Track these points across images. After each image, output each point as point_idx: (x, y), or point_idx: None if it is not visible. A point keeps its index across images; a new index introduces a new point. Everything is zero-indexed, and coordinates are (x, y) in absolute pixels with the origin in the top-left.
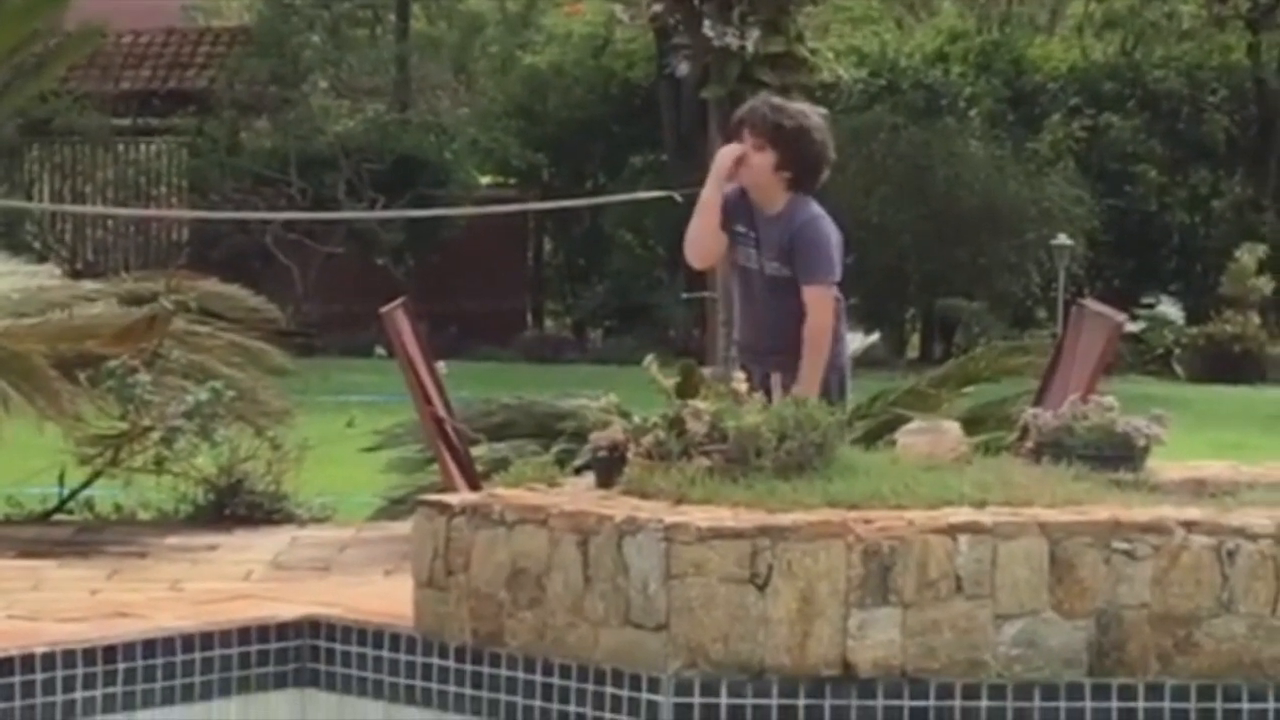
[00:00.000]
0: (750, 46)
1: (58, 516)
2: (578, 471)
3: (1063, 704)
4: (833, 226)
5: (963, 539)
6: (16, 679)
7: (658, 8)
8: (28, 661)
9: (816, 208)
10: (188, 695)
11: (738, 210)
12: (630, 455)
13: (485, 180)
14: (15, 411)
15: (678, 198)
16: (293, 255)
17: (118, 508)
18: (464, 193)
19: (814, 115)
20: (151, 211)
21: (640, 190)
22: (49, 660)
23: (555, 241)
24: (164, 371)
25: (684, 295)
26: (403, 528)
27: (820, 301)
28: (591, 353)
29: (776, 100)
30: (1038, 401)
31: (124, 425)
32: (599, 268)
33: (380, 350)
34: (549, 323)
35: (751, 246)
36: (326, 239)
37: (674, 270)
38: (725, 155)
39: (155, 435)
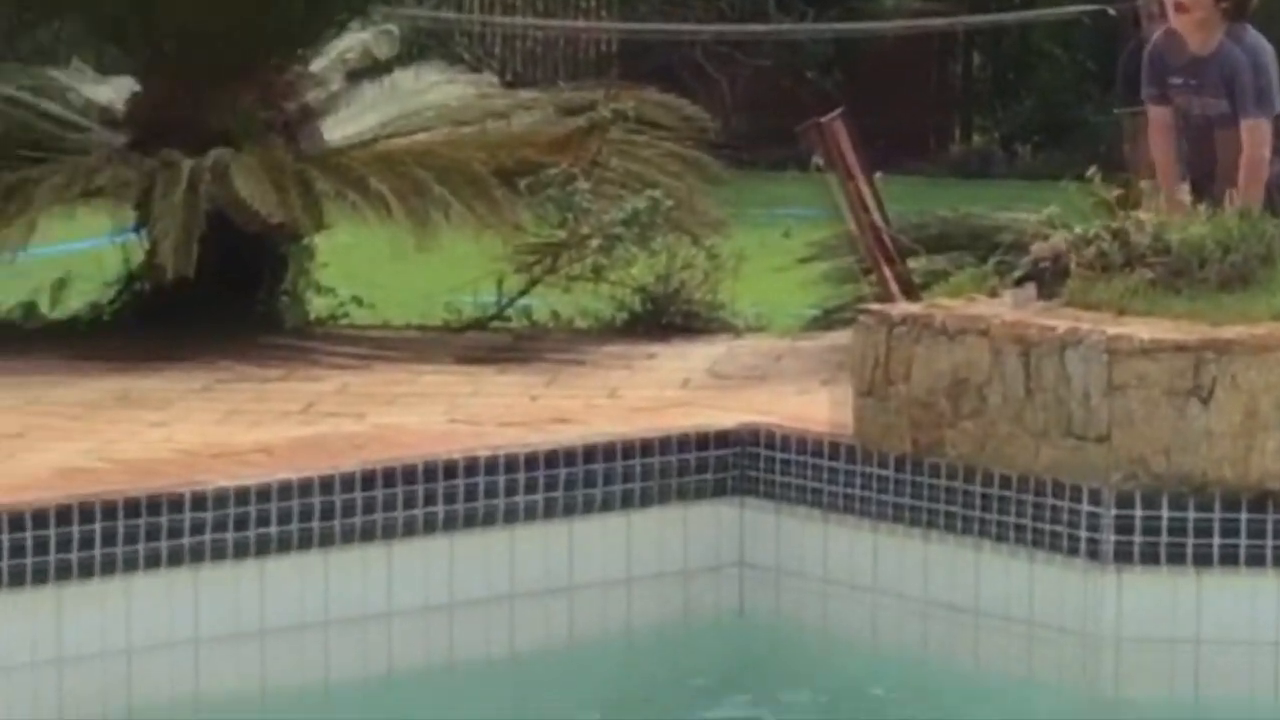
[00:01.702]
0: None
1: (496, 324)
2: (1017, 283)
3: None
4: (1271, 55)
5: None
6: (460, 482)
7: None
8: (471, 465)
9: (1255, 34)
10: (626, 502)
11: (1167, 65)
12: (1072, 267)
13: None
14: (455, 220)
15: (1110, 11)
16: (721, 68)
17: (555, 316)
18: (894, 5)
19: None
20: (580, 24)
21: (1071, 4)
22: (491, 464)
23: (984, 56)
24: (601, 180)
25: (1115, 110)
26: (838, 338)
27: (1258, 134)
28: (1020, 168)
29: None
30: None
31: (562, 233)
32: (1027, 82)
33: (817, 161)
34: (976, 138)
35: (1190, 94)
36: (755, 52)
37: (1104, 85)
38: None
39: (593, 243)
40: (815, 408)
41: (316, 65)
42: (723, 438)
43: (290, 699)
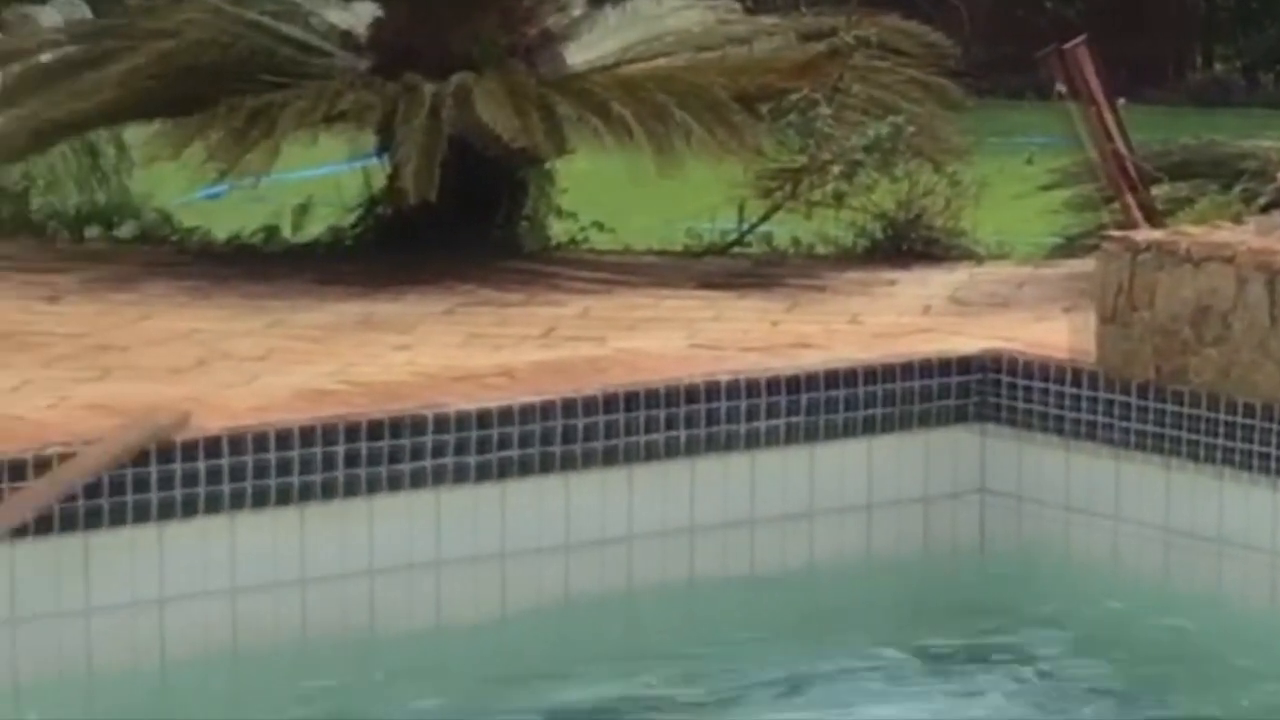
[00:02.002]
0: None
1: (736, 250)
2: (1263, 210)
3: None
4: None
5: None
6: (701, 406)
7: None
8: (712, 389)
9: None
10: (867, 427)
11: None
12: None
13: None
14: (696, 145)
15: None
16: None
17: (796, 242)
18: None
19: None
20: None
21: None
22: (732, 389)
23: None
24: (843, 106)
25: None
26: (1080, 265)
27: None
28: (1261, 96)
29: None
30: None
31: (803, 159)
32: (1272, 10)
33: (1059, 88)
34: (1217, 66)
35: None
36: None
37: None
38: None
39: (835, 169)
40: (1057, 335)
41: None
42: (964, 364)
43: (530, 622)
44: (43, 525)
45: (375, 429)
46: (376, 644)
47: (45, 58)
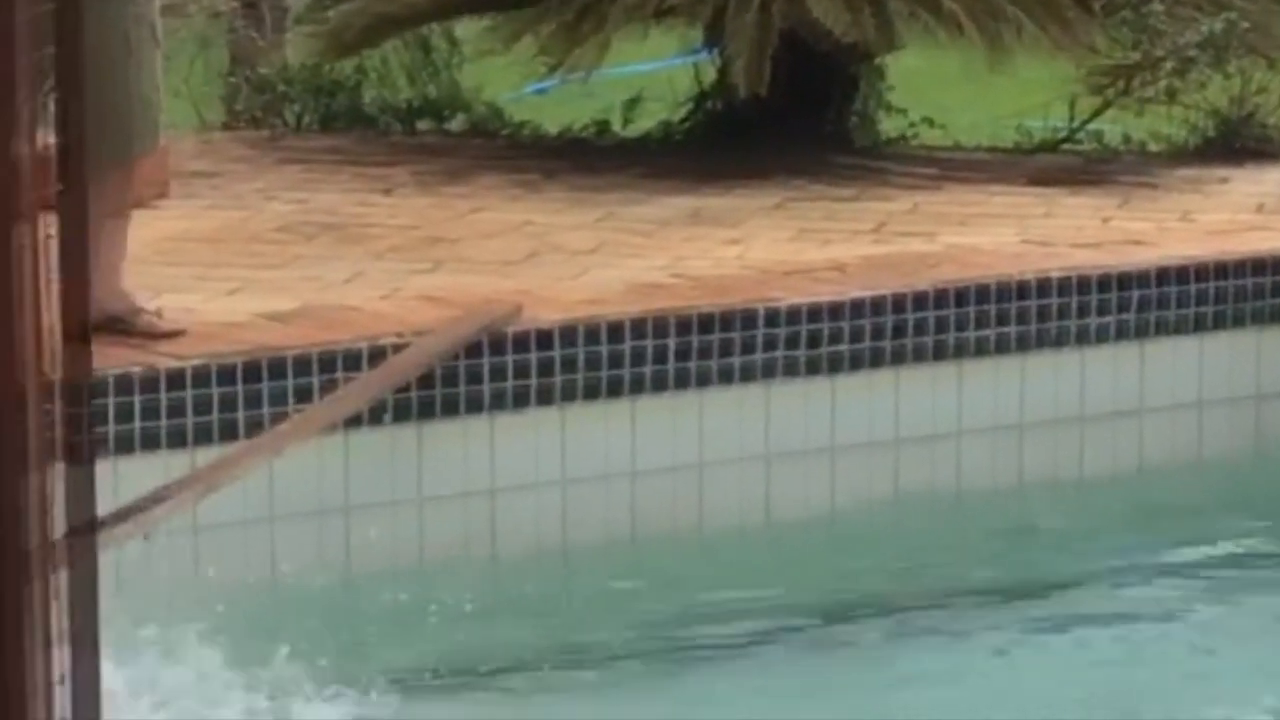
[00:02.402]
0: None
1: (1067, 147)
2: None
3: None
4: None
5: None
6: (1032, 302)
7: None
8: (1043, 286)
9: None
10: (1199, 325)
11: None
12: None
13: None
14: (1028, 41)
15: None
16: None
17: (1126, 139)
18: None
19: None
20: None
21: None
22: (1064, 285)
23: None
24: (1176, 2)
25: None
26: None
27: None
28: None
29: None
30: None
31: (1136, 56)
32: None
33: None
34: None
35: None
36: None
37: None
38: None
39: (1167, 66)
40: None
41: None
42: None
43: (860, 515)
44: (377, 416)
45: (706, 323)
46: (705, 539)
47: None
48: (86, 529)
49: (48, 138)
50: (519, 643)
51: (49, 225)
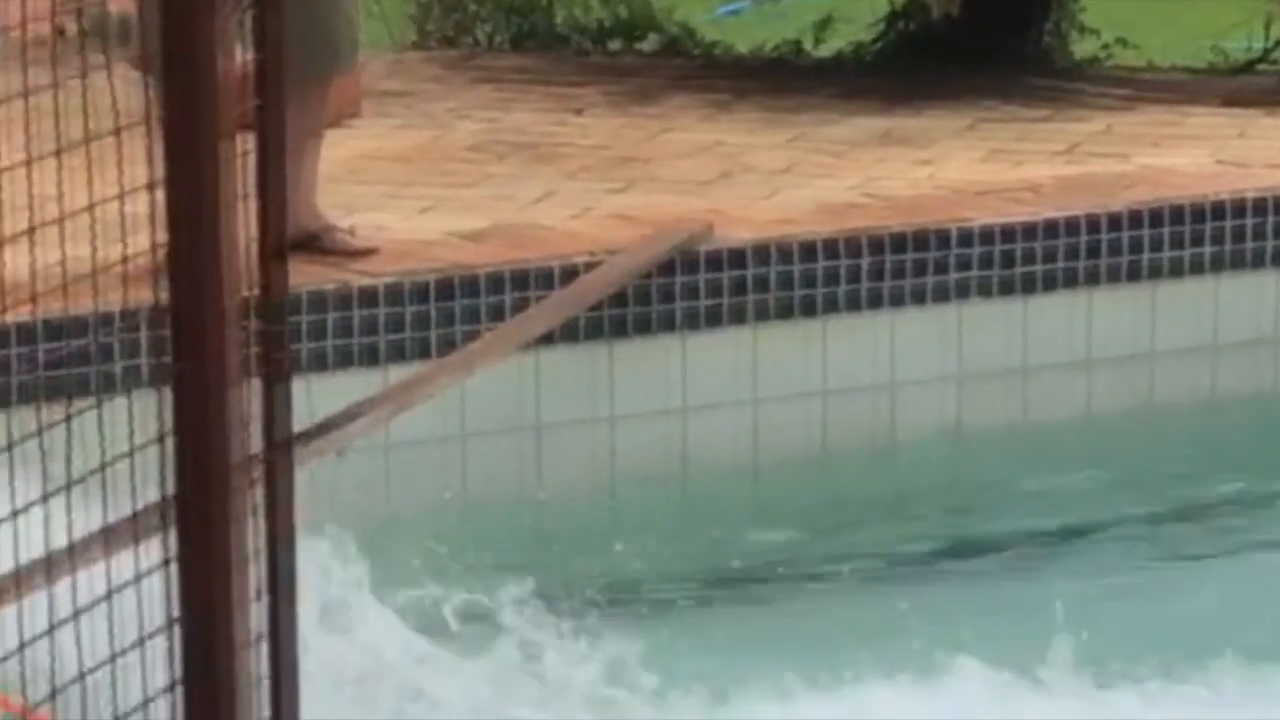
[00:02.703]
0: None
1: (1264, 67)
2: None
3: None
4: None
5: None
6: (1227, 223)
7: None
8: (1239, 207)
9: None
10: None
11: None
12: None
13: None
14: None
15: None
16: None
17: None
18: None
19: None
20: None
21: None
22: (1260, 206)
23: None
24: None
25: None
26: None
27: None
28: None
29: None
30: None
31: None
32: None
33: None
34: None
35: None
36: None
37: None
38: None
39: None
40: None
41: None
42: None
43: (1053, 433)
44: (569, 334)
45: (898, 242)
46: (896, 455)
47: None
48: (283, 445)
49: (246, 55)
50: (709, 560)
51: (246, 143)
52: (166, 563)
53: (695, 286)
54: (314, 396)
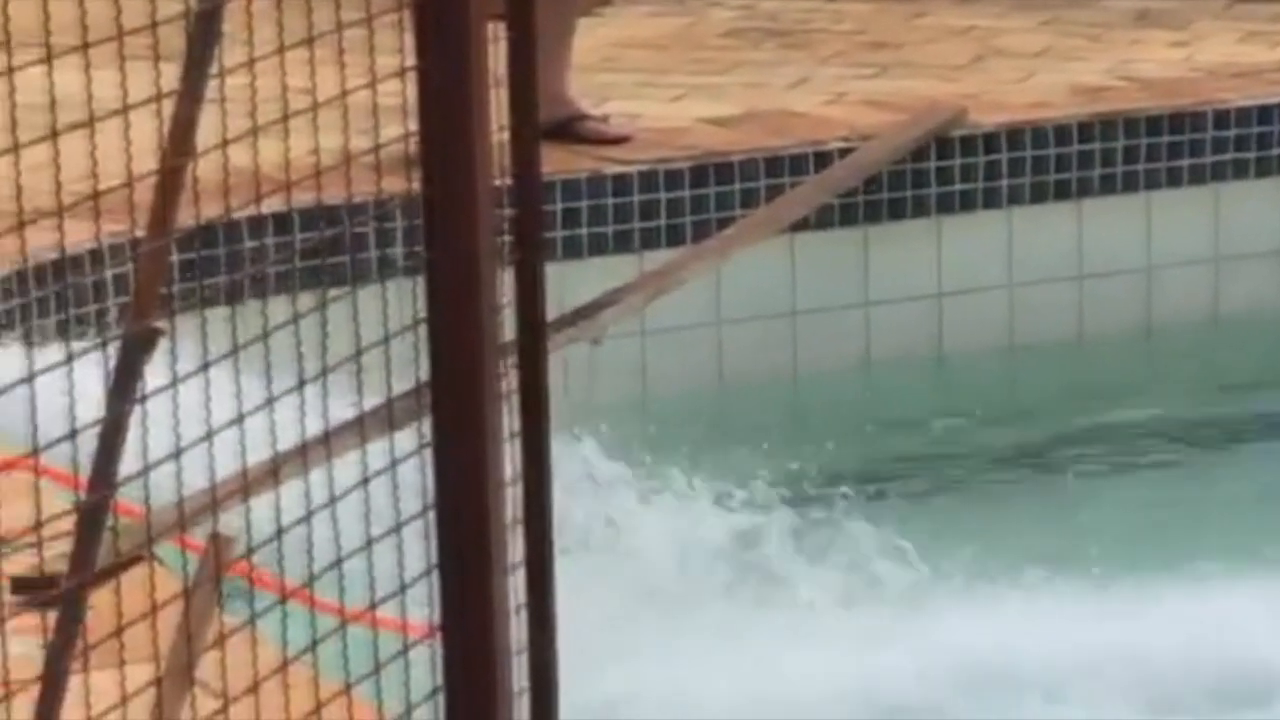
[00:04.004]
0: None
1: None
2: None
3: None
4: None
5: None
6: None
7: None
8: None
9: None
10: None
11: None
12: None
13: None
14: None
15: None
16: None
17: None
18: None
19: None
20: None
21: None
22: None
23: None
24: None
25: None
26: None
27: None
28: None
29: None
30: None
31: None
32: None
33: None
34: None
35: None
36: None
37: None
38: None
39: None
40: None
41: None
42: None
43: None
44: (823, 219)
45: (1154, 125)
46: (1151, 339)
47: None
48: (537, 331)
49: None
50: (962, 445)
51: (499, 30)
52: (421, 448)
53: (950, 171)
54: (568, 283)
